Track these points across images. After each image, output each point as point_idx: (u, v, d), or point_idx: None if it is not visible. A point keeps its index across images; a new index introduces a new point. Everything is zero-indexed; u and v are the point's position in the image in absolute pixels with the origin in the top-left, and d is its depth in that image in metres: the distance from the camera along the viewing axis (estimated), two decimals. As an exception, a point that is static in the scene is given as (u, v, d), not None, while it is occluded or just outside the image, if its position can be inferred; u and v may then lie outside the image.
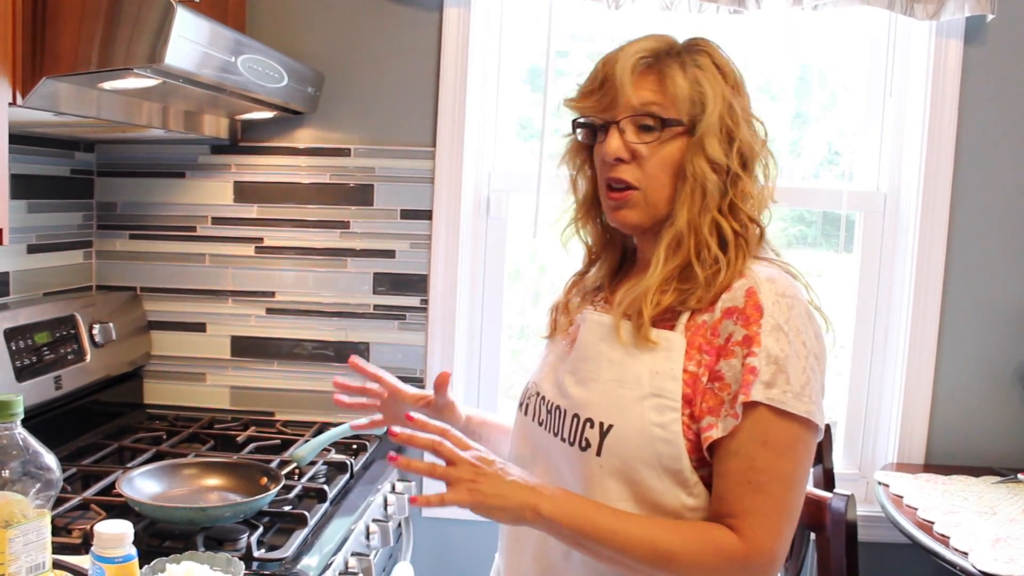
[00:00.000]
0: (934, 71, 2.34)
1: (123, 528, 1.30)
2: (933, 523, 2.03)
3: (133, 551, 1.31)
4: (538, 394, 1.44)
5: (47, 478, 1.32)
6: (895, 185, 2.47)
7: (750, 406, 1.22)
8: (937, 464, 2.44)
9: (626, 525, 1.24)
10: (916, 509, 2.12)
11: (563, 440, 1.35)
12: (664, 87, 1.31)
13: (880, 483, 2.30)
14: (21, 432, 1.31)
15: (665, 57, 1.33)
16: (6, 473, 1.29)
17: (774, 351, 1.22)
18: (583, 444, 1.31)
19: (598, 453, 1.29)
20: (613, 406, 1.30)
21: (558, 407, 1.38)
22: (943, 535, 1.97)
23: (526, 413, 1.47)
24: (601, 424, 1.30)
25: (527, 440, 1.46)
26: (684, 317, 1.30)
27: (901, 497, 2.19)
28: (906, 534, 2.05)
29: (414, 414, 1.39)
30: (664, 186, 1.33)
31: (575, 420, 1.34)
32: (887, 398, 2.50)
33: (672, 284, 1.31)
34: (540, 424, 1.42)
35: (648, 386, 1.28)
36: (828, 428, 2.20)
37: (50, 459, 1.33)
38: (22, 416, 1.31)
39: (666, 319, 1.31)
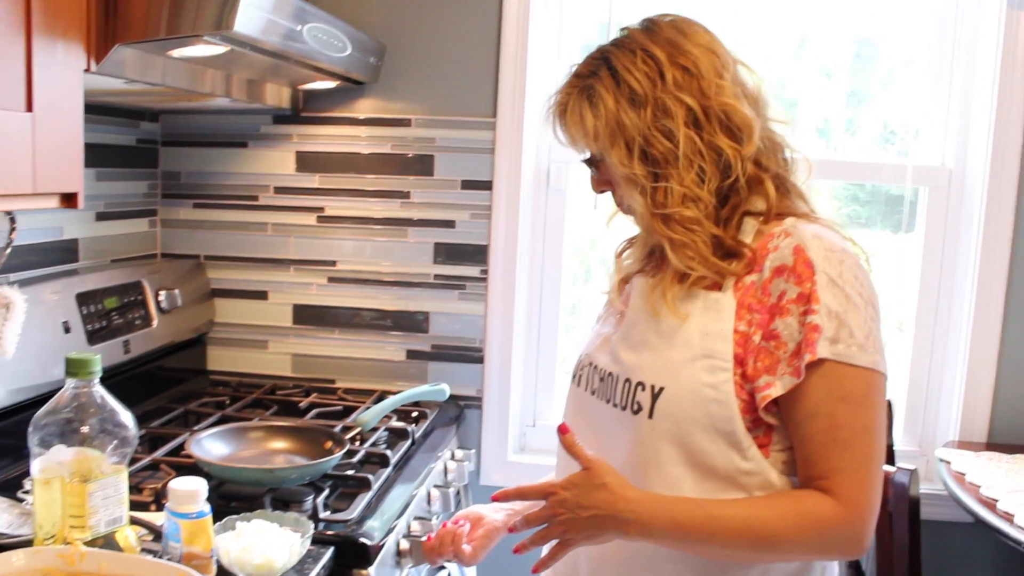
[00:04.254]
0: (1004, 42, 2.29)
1: (197, 485, 1.33)
2: (997, 500, 2.00)
3: (207, 508, 1.34)
4: (591, 364, 1.45)
5: (123, 435, 1.35)
6: (961, 160, 2.43)
7: (816, 364, 1.22)
8: (1000, 443, 2.40)
9: (719, 512, 1.25)
10: (979, 487, 2.09)
11: (615, 406, 1.36)
12: (572, 131, 1.38)
13: (942, 460, 2.28)
14: (99, 390, 1.34)
15: (567, 97, 1.38)
16: (85, 430, 1.32)
17: (833, 306, 1.22)
18: (635, 408, 1.32)
19: (650, 416, 1.30)
20: (664, 368, 1.30)
21: (610, 373, 1.38)
22: (1007, 513, 1.94)
23: (579, 384, 1.48)
24: (652, 387, 1.30)
25: (580, 411, 1.47)
26: (731, 278, 1.30)
27: (963, 474, 2.17)
28: (969, 511, 2.03)
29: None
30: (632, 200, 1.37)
31: (626, 385, 1.34)
32: (949, 376, 2.47)
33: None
34: (593, 393, 1.42)
35: (699, 347, 1.28)
36: (889, 404, 2.18)
37: (126, 417, 1.36)
38: (100, 375, 1.34)
39: (714, 281, 1.31)
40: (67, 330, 1.92)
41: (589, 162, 1.43)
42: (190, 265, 2.53)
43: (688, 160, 1.29)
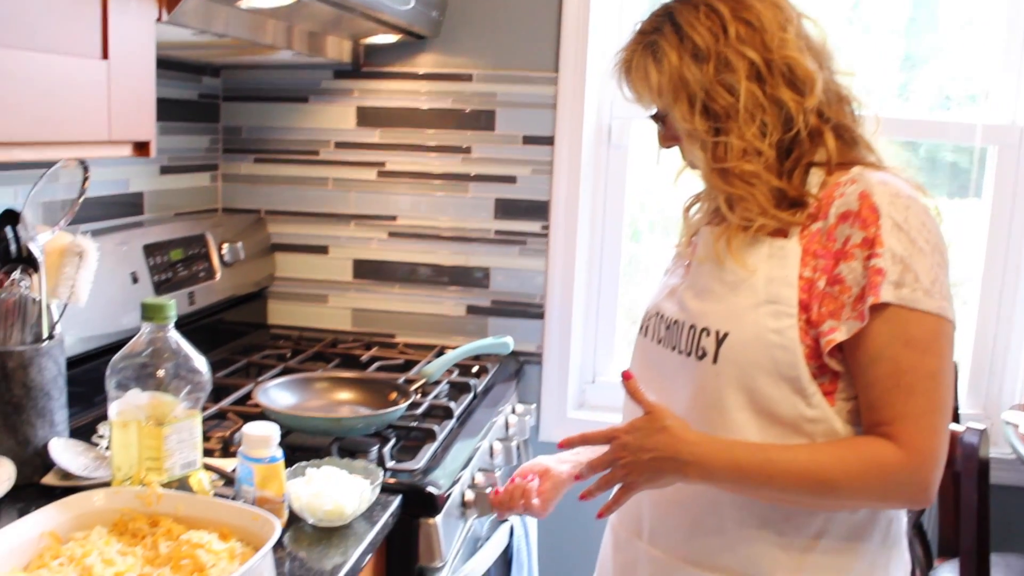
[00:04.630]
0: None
1: (270, 430, 1.35)
2: (1068, 462, 1.97)
3: (279, 453, 1.35)
4: (657, 314, 1.45)
5: (197, 380, 1.37)
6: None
7: (879, 308, 1.21)
8: (1069, 404, 2.35)
9: (779, 457, 1.25)
10: (1048, 449, 2.06)
11: (680, 353, 1.36)
12: (638, 87, 1.39)
13: (1008, 423, 2.24)
14: (174, 335, 1.36)
15: (632, 54, 1.38)
16: (160, 374, 1.34)
17: (898, 250, 1.21)
18: (699, 353, 1.32)
19: (714, 361, 1.30)
20: (729, 314, 1.31)
21: (676, 321, 1.39)
22: (1079, 475, 1.91)
23: (645, 335, 1.48)
24: (717, 332, 1.31)
25: (646, 360, 1.47)
26: (797, 226, 1.30)
27: (1032, 437, 2.13)
28: (1038, 473, 2.00)
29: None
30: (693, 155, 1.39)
31: (691, 331, 1.35)
32: (1016, 340, 2.42)
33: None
34: (659, 342, 1.43)
35: (763, 294, 1.28)
36: (955, 365, 2.15)
37: (200, 362, 1.37)
38: (175, 320, 1.35)
39: (779, 229, 1.31)
40: (135, 280, 1.94)
41: (655, 118, 1.44)
42: (251, 220, 2.54)
43: (749, 114, 1.29)
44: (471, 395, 2.08)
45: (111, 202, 2.10)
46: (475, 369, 2.28)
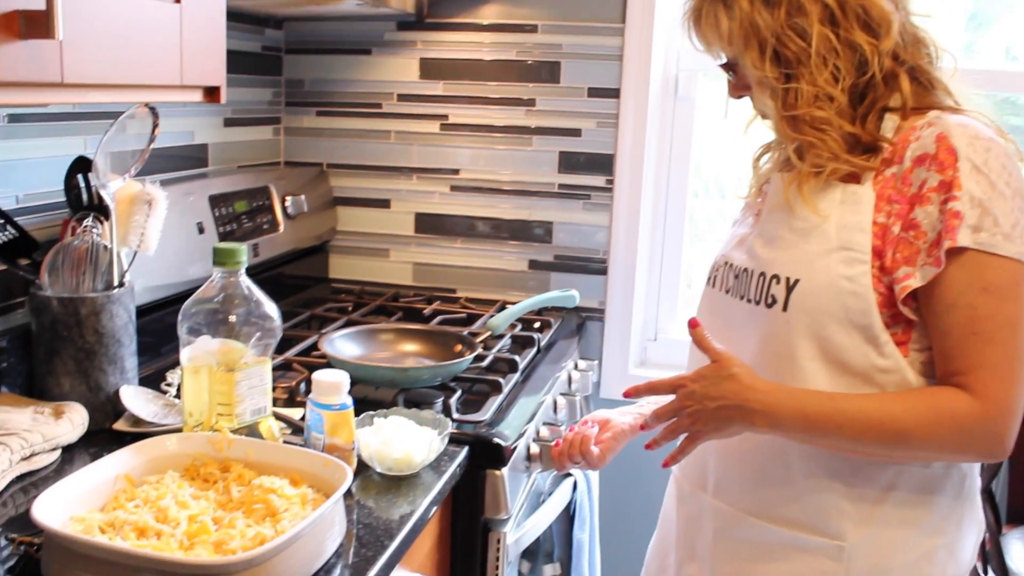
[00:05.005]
0: None
1: (340, 377, 1.34)
2: None
3: (349, 400, 1.35)
4: (726, 263, 1.42)
5: (268, 326, 1.37)
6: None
7: (956, 252, 1.17)
8: None
9: (849, 406, 1.22)
10: None
11: (749, 301, 1.34)
12: (708, 35, 1.35)
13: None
14: (245, 280, 1.35)
15: (702, 2, 1.34)
16: (231, 319, 1.33)
17: (976, 193, 1.17)
18: (769, 301, 1.30)
19: (784, 309, 1.27)
20: (799, 261, 1.27)
21: (745, 270, 1.36)
22: None
23: (713, 285, 1.46)
24: (787, 279, 1.28)
25: (713, 311, 1.45)
26: (871, 172, 1.27)
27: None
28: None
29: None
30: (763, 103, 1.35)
31: (761, 279, 1.32)
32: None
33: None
34: (727, 292, 1.40)
35: (835, 240, 1.25)
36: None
37: (271, 308, 1.37)
38: (245, 265, 1.35)
39: (852, 174, 1.28)
40: (201, 231, 1.95)
41: (725, 67, 1.40)
42: (313, 173, 2.54)
43: (821, 58, 1.26)
44: (535, 349, 2.07)
45: (176, 154, 2.11)
46: (537, 324, 2.26)
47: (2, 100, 1.11)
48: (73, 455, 1.43)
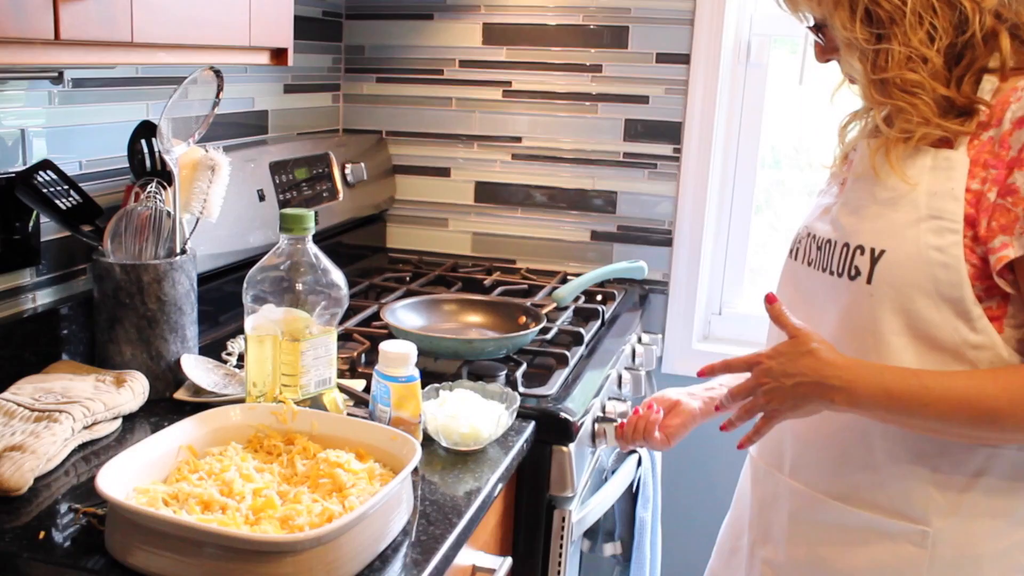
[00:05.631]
0: None
1: (407, 348, 1.30)
2: None
3: (416, 372, 1.31)
4: (809, 235, 1.35)
5: (334, 295, 1.33)
6: None
7: None
8: None
9: (935, 383, 1.15)
10: None
11: (831, 273, 1.27)
12: None
13: None
14: (312, 247, 1.32)
15: None
16: (298, 287, 1.30)
17: None
18: (852, 273, 1.23)
19: (868, 281, 1.20)
20: (885, 230, 1.20)
21: (828, 240, 1.29)
22: None
23: (795, 257, 1.38)
24: (872, 250, 1.21)
25: (794, 284, 1.38)
26: (965, 136, 1.18)
27: None
28: None
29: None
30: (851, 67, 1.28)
31: (844, 250, 1.25)
32: None
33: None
34: (809, 264, 1.33)
35: (925, 208, 1.17)
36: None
37: (338, 276, 1.33)
38: (313, 231, 1.31)
39: (944, 139, 1.20)
40: (261, 198, 1.92)
41: (814, 29, 1.32)
42: (372, 140, 2.50)
43: (917, 17, 1.17)
44: (599, 322, 2.02)
45: (237, 121, 2.08)
46: (600, 296, 2.21)
47: (72, 60, 1.08)
48: (134, 424, 1.41)
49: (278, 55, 1.40)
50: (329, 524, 0.98)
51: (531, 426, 1.48)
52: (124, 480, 1.08)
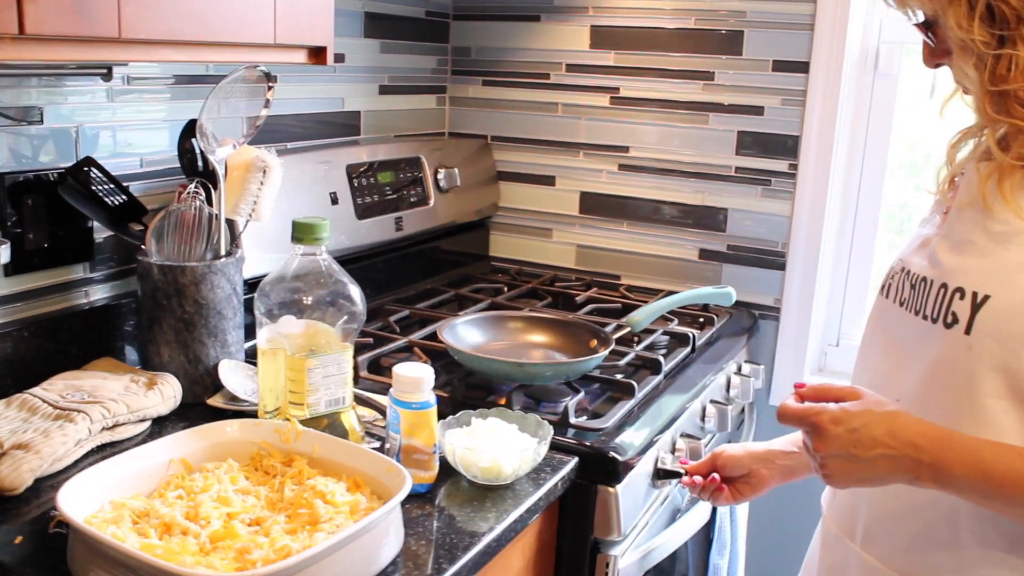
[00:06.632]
0: None
1: (422, 372, 1.20)
2: None
3: (432, 398, 1.20)
4: (903, 270, 1.17)
5: (350, 310, 1.25)
6: None
7: None
8: None
9: None
10: None
11: (924, 318, 1.09)
12: None
13: None
14: (326, 259, 1.24)
15: None
16: (309, 300, 1.22)
17: None
18: (948, 320, 1.05)
19: (967, 331, 1.02)
20: (992, 272, 1.02)
21: (924, 279, 1.11)
22: None
23: (887, 295, 1.20)
24: (974, 294, 1.03)
25: (883, 326, 1.20)
26: None
27: None
28: None
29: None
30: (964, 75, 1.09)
31: (941, 291, 1.07)
32: None
33: None
34: (901, 304, 1.15)
35: None
36: None
37: (354, 290, 1.25)
38: (327, 241, 1.23)
39: None
40: (335, 201, 1.86)
41: (923, 27, 1.13)
42: (477, 145, 2.42)
43: None
44: (688, 348, 1.86)
45: (326, 120, 2.03)
46: (701, 319, 2.05)
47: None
48: (163, 428, 1.37)
49: (317, 54, 1.32)
50: (273, 565, 0.89)
51: (572, 463, 1.35)
52: (99, 492, 1.04)
